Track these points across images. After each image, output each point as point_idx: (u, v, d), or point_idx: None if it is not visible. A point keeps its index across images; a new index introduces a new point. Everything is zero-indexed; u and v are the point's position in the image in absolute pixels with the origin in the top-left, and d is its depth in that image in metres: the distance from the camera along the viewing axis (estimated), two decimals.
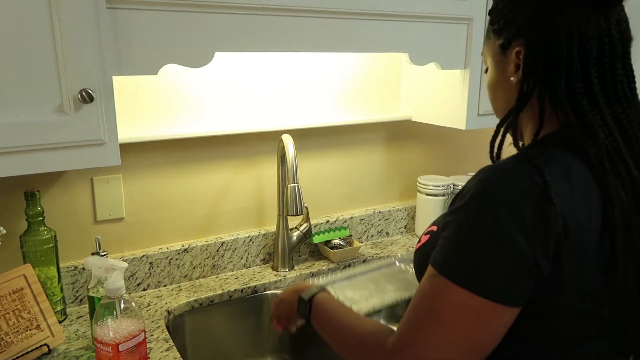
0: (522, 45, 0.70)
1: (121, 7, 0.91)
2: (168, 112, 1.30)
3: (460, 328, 0.61)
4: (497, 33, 0.74)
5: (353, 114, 1.56)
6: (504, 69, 0.74)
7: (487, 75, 0.80)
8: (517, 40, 0.71)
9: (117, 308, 0.91)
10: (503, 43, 0.73)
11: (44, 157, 0.88)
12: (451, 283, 0.61)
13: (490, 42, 0.77)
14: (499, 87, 0.76)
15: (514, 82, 0.72)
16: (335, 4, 1.09)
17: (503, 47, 0.73)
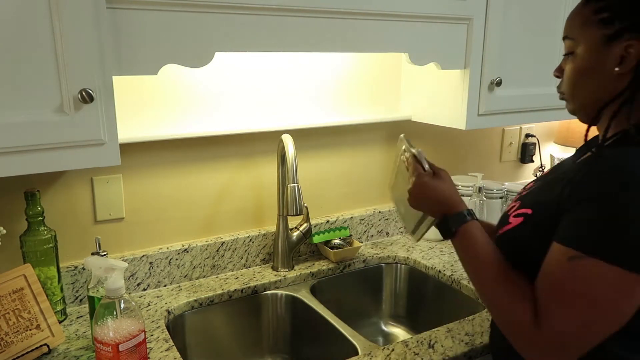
0: (637, 40, 0.72)
1: (121, 7, 0.91)
2: (168, 112, 1.30)
3: (614, 305, 0.66)
4: (605, 22, 0.75)
5: (353, 114, 1.56)
6: (603, 59, 0.76)
7: (577, 60, 0.80)
8: (630, 33, 0.73)
9: (117, 308, 0.91)
10: (611, 34, 0.74)
11: (44, 157, 0.88)
12: (604, 262, 0.65)
13: (590, 29, 0.77)
14: (592, 75, 0.78)
15: (617, 72, 0.74)
16: (336, 4, 1.09)
17: (610, 38, 0.75)
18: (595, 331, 0.68)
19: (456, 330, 1.14)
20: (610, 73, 0.75)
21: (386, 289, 1.58)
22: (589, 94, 0.80)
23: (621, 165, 0.68)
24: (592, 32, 0.77)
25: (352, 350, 1.12)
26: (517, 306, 0.73)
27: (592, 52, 0.77)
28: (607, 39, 0.75)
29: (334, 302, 1.41)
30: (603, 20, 0.76)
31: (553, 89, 1.53)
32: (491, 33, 1.34)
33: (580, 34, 0.79)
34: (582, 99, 0.81)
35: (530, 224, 0.79)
